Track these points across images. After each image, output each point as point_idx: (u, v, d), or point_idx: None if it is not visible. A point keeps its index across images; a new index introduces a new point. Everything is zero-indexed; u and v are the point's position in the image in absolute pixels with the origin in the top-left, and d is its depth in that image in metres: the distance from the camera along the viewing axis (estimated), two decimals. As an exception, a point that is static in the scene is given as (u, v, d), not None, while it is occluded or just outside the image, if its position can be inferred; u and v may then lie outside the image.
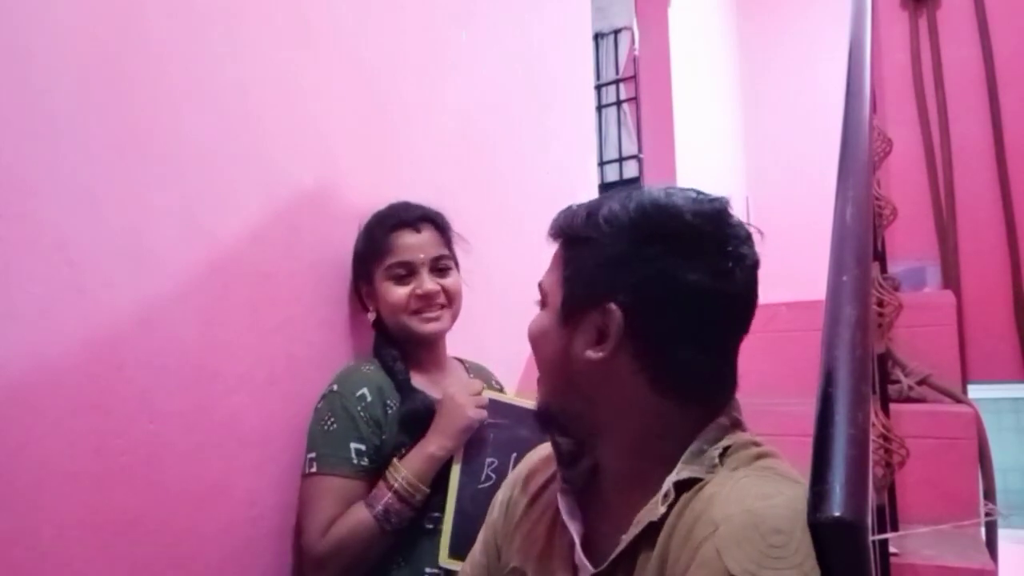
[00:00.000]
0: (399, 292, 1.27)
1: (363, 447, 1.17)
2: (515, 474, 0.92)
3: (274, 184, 1.25)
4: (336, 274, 1.35)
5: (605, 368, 0.71)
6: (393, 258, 1.28)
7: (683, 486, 0.66)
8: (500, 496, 0.92)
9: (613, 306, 0.69)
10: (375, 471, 1.18)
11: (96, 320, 0.94)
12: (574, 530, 0.75)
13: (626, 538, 0.68)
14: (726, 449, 0.68)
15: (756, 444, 0.71)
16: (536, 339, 0.78)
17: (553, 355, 0.75)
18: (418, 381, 1.28)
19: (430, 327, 1.28)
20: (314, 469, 1.17)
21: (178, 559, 1.02)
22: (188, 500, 1.05)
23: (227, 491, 1.11)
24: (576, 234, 0.74)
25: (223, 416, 1.11)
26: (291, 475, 1.22)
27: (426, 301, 1.27)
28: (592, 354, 0.71)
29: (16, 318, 0.85)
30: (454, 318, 1.33)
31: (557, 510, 0.78)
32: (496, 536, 0.88)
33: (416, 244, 1.28)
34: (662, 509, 0.66)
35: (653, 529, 0.66)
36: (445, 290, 1.29)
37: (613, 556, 0.69)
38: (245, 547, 1.13)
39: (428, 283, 1.27)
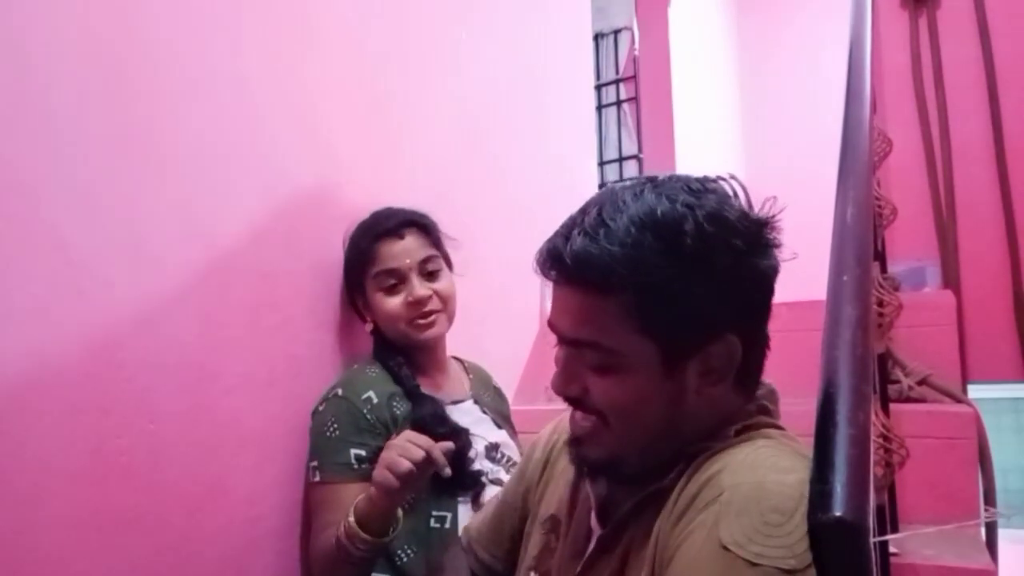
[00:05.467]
0: (392, 302, 1.26)
1: (364, 452, 1.16)
2: (565, 422, 0.89)
3: (274, 183, 1.25)
4: (336, 274, 1.35)
5: (713, 394, 0.68)
6: (379, 267, 1.27)
7: (694, 454, 0.67)
8: (545, 435, 0.92)
9: (733, 337, 0.66)
10: None
11: (96, 320, 0.94)
12: (592, 493, 0.76)
13: (629, 504, 0.69)
14: (744, 427, 0.69)
15: (778, 427, 0.71)
16: (628, 407, 0.67)
17: (655, 414, 0.67)
18: (421, 384, 1.27)
19: (428, 333, 1.27)
20: (317, 478, 1.17)
21: (178, 559, 1.02)
22: (188, 500, 1.05)
23: (227, 491, 1.11)
24: (649, 278, 0.63)
25: (223, 416, 1.11)
26: (291, 475, 1.22)
27: (419, 307, 1.26)
28: (713, 390, 0.68)
29: (16, 318, 0.85)
30: (450, 320, 1.32)
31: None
32: (532, 474, 0.89)
33: (401, 251, 1.27)
34: (672, 474, 0.67)
35: (662, 492, 0.67)
36: (437, 293, 1.28)
37: (618, 518, 0.70)
38: (245, 547, 1.13)
39: (419, 289, 1.26)
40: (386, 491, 1.04)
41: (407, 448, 1.03)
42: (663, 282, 0.63)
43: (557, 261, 0.67)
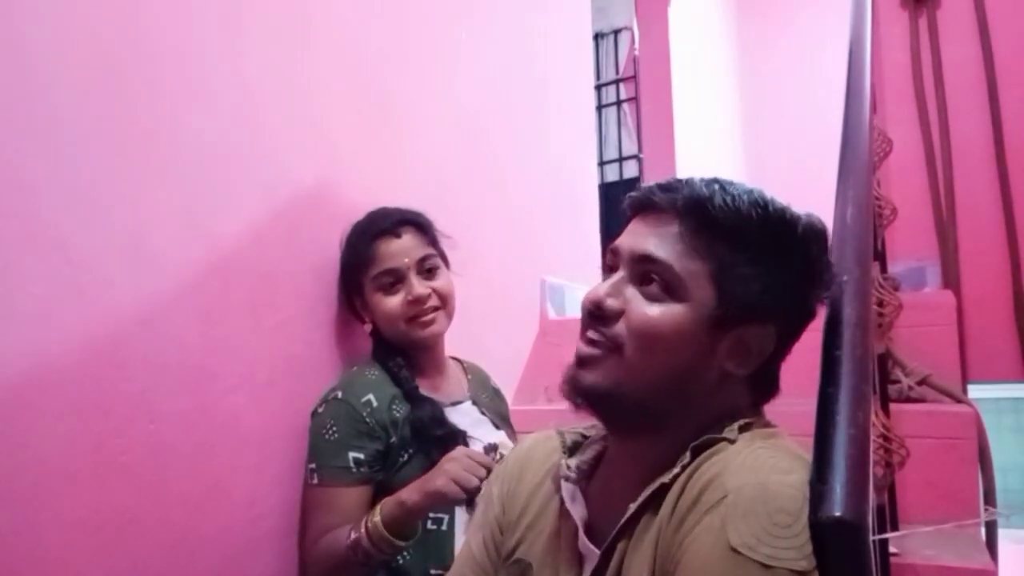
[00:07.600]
0: (391, 302, 1.26)
1: (362, 456, 1.16)
2: (506, 468, 0.88)
3: (274, 183, 1.25)
4: (336, 274, 1.35)
5: (731, 379, 0.70)
6: (378, 267, 1.27)
7: (698, 449, 0.67)
8: (494, 491, 0.87)
9: (773, 329, 0.69)
10: (382, 472, 1.19)
11: (96, 320, 0.94)
12: (577, 515, 0.74)
13: (634, 505, 0.68)
14: (747, 424, 0.69)
15: (773, 427, 0.72)
16: (664, 334, 0.67)
17: (675, 358, 0.68)
18: (420, 385, 1.27)
19: (427, 331, 1.27)
20: (315, 480, 1.17)
21: (178, 559, 1.02)
22: (188, 500, 1.05)
23: (227, 491, 1.11)
24: (747, 239, 0.68)
25: (223, 416, 1.11)
26: (291, 475, 1.22)
27: (418, 306, 1.26)
28: (735, 370, 0.69)
29: (16, 318, 0.85)
30: (449, 318, 1.32)
31: (559, 500, 0.77)
32: (495, 532, 0.85)
33: (399, 250, 1.27)
34: (676, 470, 0.66)
35: (661, 492, 0.67)
36: (436, 291, 1.28)
37: (618, 527, 0.69)
38: (245, 547, 1.13)
39: (418, 287, 1.26)
40: (448, 501, 1.09)
41: (474, 467, 1.08)
42: (756, 249, 0.68)
43: (668, 191, 0.71)
